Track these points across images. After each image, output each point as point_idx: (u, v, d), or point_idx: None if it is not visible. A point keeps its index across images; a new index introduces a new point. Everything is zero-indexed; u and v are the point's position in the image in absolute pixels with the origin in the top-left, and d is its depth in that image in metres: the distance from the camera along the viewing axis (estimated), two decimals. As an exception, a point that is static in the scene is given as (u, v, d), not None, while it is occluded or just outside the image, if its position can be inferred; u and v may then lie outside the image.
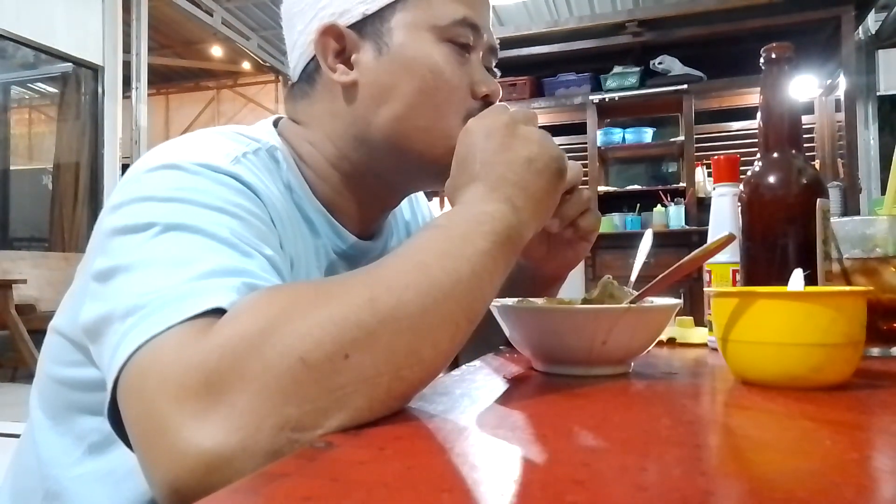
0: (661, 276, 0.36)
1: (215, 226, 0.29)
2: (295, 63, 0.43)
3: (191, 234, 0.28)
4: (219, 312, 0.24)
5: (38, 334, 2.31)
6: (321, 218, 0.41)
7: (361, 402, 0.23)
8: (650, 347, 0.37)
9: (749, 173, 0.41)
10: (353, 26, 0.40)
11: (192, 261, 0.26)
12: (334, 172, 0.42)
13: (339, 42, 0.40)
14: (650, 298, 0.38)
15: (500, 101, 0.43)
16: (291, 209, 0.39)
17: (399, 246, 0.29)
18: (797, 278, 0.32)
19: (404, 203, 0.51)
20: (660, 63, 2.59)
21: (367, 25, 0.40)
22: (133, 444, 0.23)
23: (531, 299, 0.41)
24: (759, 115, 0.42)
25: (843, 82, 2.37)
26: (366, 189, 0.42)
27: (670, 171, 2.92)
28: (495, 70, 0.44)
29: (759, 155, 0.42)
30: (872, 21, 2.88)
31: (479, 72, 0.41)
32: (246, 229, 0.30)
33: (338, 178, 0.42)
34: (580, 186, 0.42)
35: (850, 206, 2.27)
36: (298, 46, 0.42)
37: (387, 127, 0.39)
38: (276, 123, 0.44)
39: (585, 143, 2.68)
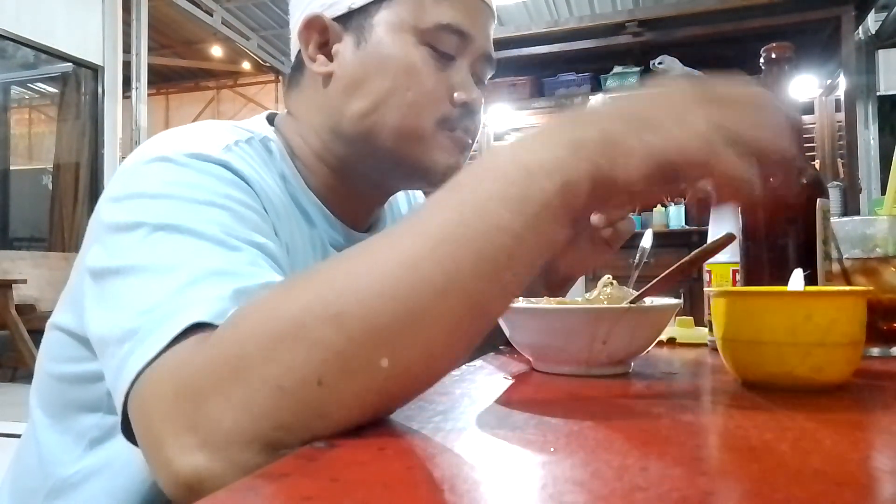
0: (660, 277, 0.36)
1: (203, 223, 0.29)
2: (291, 49, 0.44)
3: (179, 234, 0.28)
4: (205, 325, 0.24)
5: (38, 334, 2.29)
6: (316, 209, 0.41)
7: (347, 421, 0.22)
8: (650, 347, 0.37)
9: (749, 173, 0.41)
10: (338, 18, 0.40)
11: (178, 266, 0.27)
12: (321, 165, 0.42)
13: (322, 34, 0.40)
14: (650, 298, 0.38)
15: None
16: (286, 199, 0.39)
17: (399, 222, 0.25)
18: (797, 278, 0.32)
19: (401, 194, 0.51)
20: (660, 63, 2.58)
21: (352, 19, 0.40)
22: (141, 450, 0.25)
23: (531, 299, 0.41)
24: (759, 115, 0.42)
25: (843, 82, 2.36)
26: (352, 183, 0.42)
27: (670, 171, 2.91)
28: (485, 83, 0.43)
29: (759, 155, 0.42)
30: (872, 21, 2.87)
31: (461, 78, 0.40)
32: (236, 221, 0.30)
33: (326, 171, 0.42)
34: None
35: (850, 206, 2.27)
36: (294, 35, 0.43)
37: (356, 121, 0.39)
38: (270, 119, 0.44)
39: (585, 143, 2.67)
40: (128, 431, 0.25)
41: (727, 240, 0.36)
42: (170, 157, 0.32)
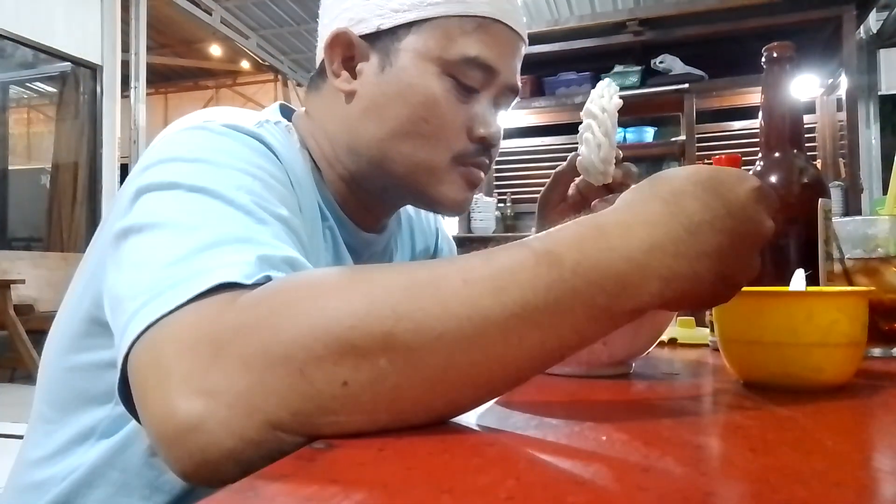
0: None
1: (234, 189, 0.29)
2: (317, 54, 0.44)
3: (209, 197, 0.28)
4: (231, 286, 0.24)
5: (37, 334, 2.31)
6: (328, 204, 0.42)
7: (354, 427, 0.22)
8: (651, 348, 0.37)
9: (751, 173, 0.41)
10: (366, 36, 0.40)
11: (203, 227, 0.26)
12: (332, 171, 0.42)
13: (348, 49, 0.40)
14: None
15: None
16: (309, 180, 0.39)
17: (484, 260, 0.23)
18: (799, 278, 0.32)
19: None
20: (661, 62, 2.58)
21: (380, 40, 0.40)
22: (135, 394, 0.23)
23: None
24: (760, 114, 0.42)
25: (844, 82, 2.36)
26: (361, 193, 0.43)
27: (671, 170, 2.91)
28: (507, 111, 0.43)
29: (760, 154, 0.42)
30: (874, 20, 2.87)
31: (482, 112, 0.40)
32: (265, 190, 0.30)
33: (336, 177, 0.42)
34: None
35: (851, 206, 2.27)
36: (321, 39, 0.43)
37: (372, 144, 0.40)
38: (283, 111, 0.44)
39: (585, 143, 2.68)
40: (124, 397, 0.24)
41: None
42: (206, 127, 0.33)
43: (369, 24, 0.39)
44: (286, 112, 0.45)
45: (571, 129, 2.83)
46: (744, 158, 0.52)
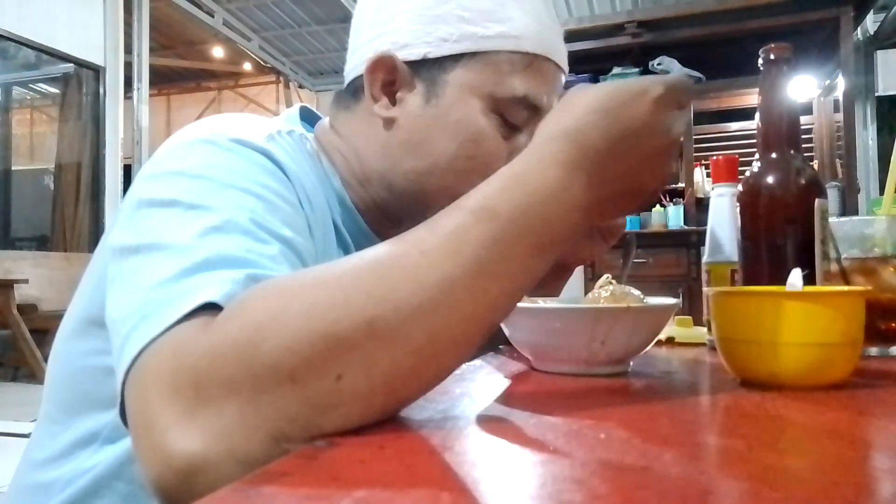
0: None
1: (235, 209, 0.28)
2: (348, 70, 0.42)
3: (209, 217, 0.27)
4: (216, 307, 0.23)
5: (40, 334, 2.31)
6: (346, 217, 0.41)
7: (354, 417, 0.22)
8: (649, 347, 0.37)
9: (748, 174, 0.42)
10: (410, 63, 0.38)
11: (197, 248, 0.26)
12: (362, 190, 0.41)
13: (389, 73, 0.39)
14: (648, 298, 0.38)
15: None
16: (322, 196, 0.38)
17: (429, 230, 0.25)
18: (796, 278, 0.32)
19: None
20: (658, 64, 2.57)
21: (425, 68, 0.38)
22: (131, 439, 0.23)
23: (531, 298, 0.41)
24: (757, 115, 0.42)
25: (841, 83, 2.36)
26: (384, 214, 0.42)
27: (670, 171, 2.92)
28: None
29: (757, 155, 0.42)
30: (871, 22, 2.88)
31: (522, 150, 0.40)
32: (268, 211, 0.30)
33: (365, 194, 0.42)
34: None
35: (848, 207, 2.27)
36: (355, 56, 0.41)
37: (410, 177, 0.39)
38: (304, 114, 0.43)
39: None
40: (125, 413, 0.24)
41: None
42: (213, 141, 0.32)
43: (415, 50, 0.38)
44: (307, 115, 0.43)
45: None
46: (741, 159, 0.53)
